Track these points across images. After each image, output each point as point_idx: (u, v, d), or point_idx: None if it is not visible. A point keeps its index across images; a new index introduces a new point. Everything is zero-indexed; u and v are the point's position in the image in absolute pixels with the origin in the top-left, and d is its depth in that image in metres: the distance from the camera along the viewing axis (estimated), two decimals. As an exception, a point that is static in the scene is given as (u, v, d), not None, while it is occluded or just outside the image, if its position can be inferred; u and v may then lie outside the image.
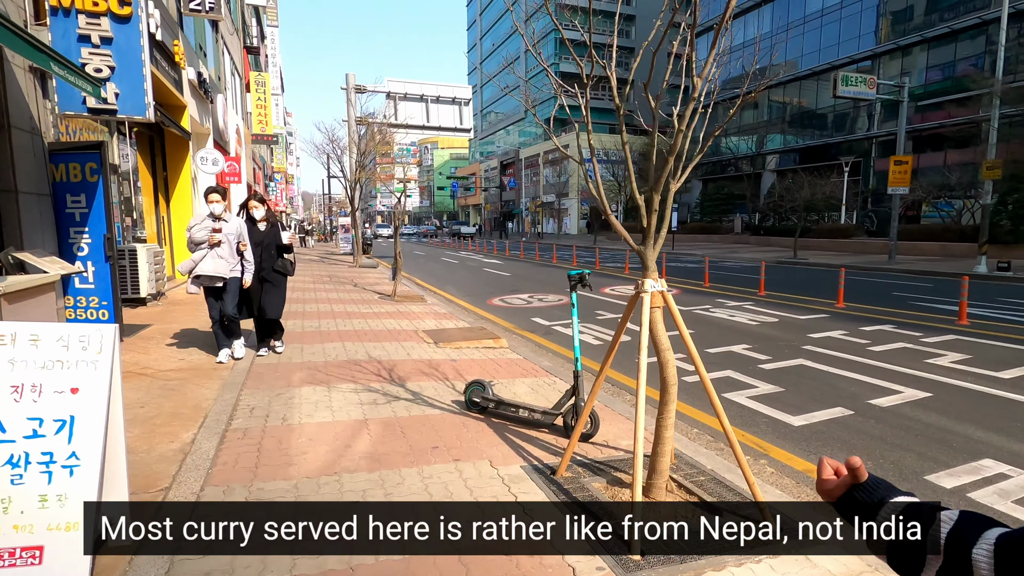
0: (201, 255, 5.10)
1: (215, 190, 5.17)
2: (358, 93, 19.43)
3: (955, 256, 19.98)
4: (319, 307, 8.98)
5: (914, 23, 28.21)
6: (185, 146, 11.50)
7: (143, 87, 5.59)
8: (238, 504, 2.59)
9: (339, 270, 16.64)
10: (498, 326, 8.43)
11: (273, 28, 40.73)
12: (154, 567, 2.10)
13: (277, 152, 43.22)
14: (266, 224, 5.72)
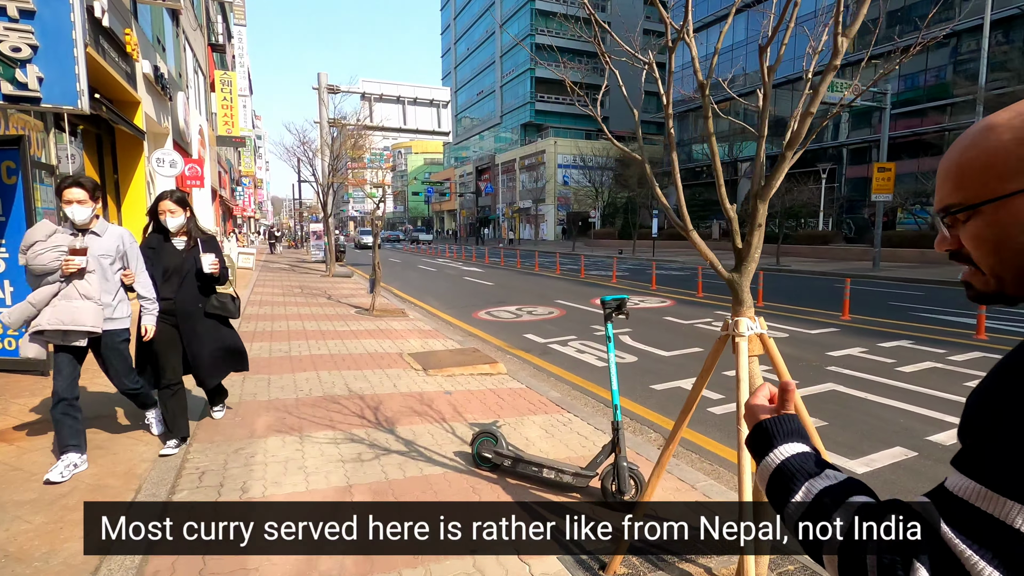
0: (45, 294, 3.05)
1: (77, 183, 3.11)
2: (331, 93, 18.49)
3: (934, 263, 20.06)
4: (290, 325, 8.08)
5: (884, 33, 28.63)
6: (139, 146, 10.45)
7: (74, 71, 4.69)
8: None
9: (311, 280, 15.64)
10: (489, 344, 7.68)
11: (241, 27, 39.28)
12: None
13: (245, 155, 41.62)
14: (187, 239, 3.65)
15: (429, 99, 20.26)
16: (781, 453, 0.75)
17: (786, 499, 0.71)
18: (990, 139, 0.62)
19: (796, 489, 0.71)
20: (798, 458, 0.74)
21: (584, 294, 13.17)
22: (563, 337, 8.25)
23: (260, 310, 9.43)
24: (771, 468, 0.75)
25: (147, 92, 11.03)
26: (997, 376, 0.58)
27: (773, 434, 0.78)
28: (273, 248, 37.07)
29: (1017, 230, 0.60)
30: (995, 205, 0.61)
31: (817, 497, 0.68)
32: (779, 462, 0.75)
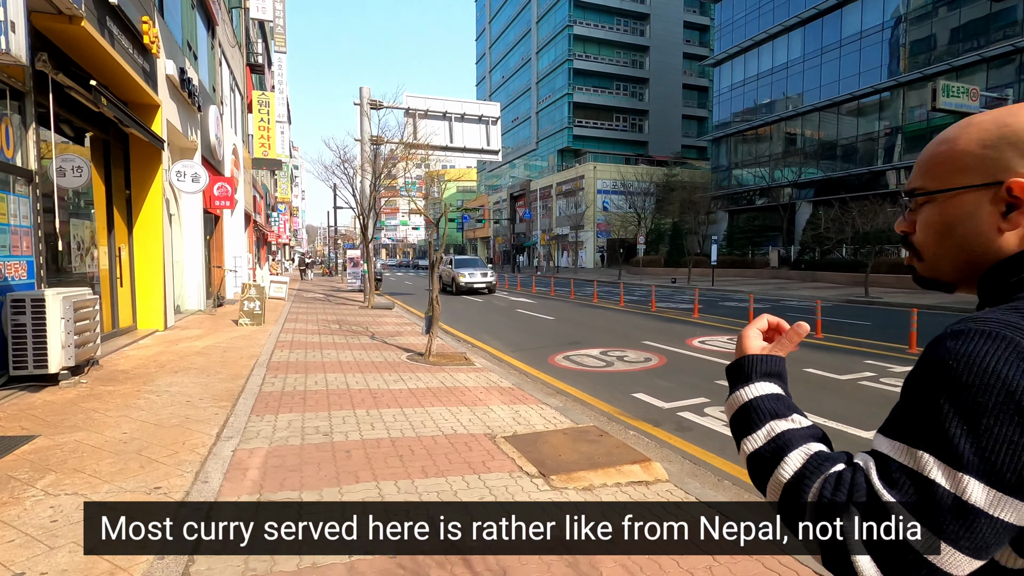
0: None
1: None
2: (374, 109, 17.03)
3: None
4: (328, 381, 6.13)
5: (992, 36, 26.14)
6: (157, 158, 8.88)
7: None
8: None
9: (349, 313, 13.85)
10: (593, 410, 5.59)
11: (281, 54, 39.16)
12: None
13: (282, 182, 41.09)
14: None
15: (478, 115, 18.65)
16: (754, 390, 0.77)
17: (747, 433, 0.74)
18: (961, 136, 0.69)
19: (759, 426, 0.73)
20: (770, 399, 0.76)
21: (671, 332, 10.98)
22: (688, 399, 6.11)
23: (292, 356, 7.55)
24: (740, 402, 0.77)
25: (171, 97, 9.53)
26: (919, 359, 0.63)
27: (752, 369, 0.79)
28: (304, 274, 35.93)
29: (959, 222, 0.69)
30: (947, 195, 0.69)
31: (777, 437, 0.71)
32: (750, 399, 0.76)
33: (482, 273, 22.20)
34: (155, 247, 8.80)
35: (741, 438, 0.74)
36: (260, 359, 7.05)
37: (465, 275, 21.70)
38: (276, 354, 7.54)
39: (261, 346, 8.11)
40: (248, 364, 6.69)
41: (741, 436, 0.75)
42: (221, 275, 14.78)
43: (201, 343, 8.06)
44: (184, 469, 3.32)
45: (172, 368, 6.24)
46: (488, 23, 78.45)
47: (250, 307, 10.25)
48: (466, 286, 21.56)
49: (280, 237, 42.02)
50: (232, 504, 2.77)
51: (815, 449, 0.68)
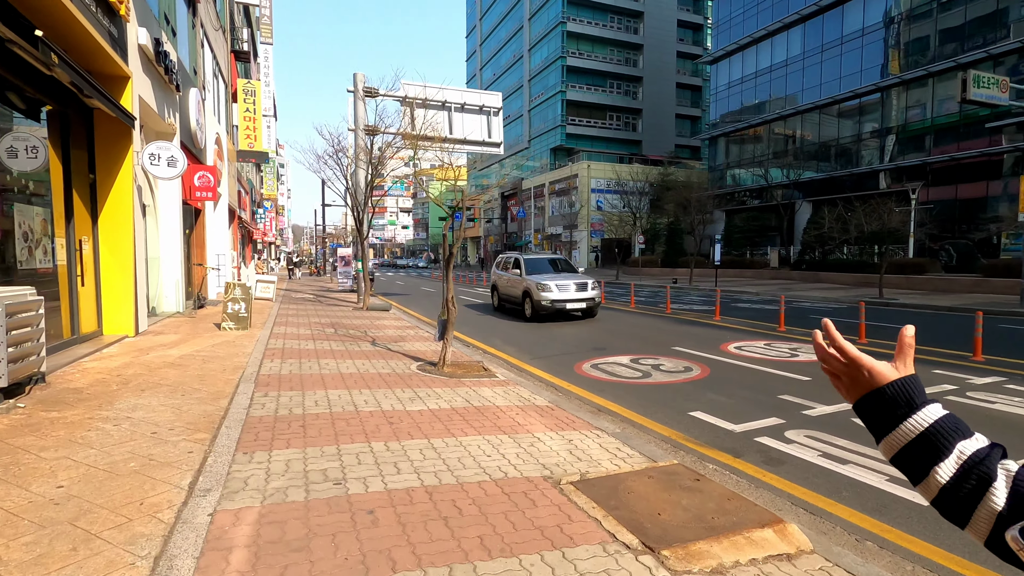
0: None
1: None
2: (368, 97, 15.92)
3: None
4: (331, 400, 5.07)
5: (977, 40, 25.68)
6: (126, 138, 7.73)
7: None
8: None
9: (343, 315, 12.73)
10: (656, 436, 4.60)
11: (267, 46, 37.75)
12: None
13: (268, 178, 39.64)
14: None
15: (478, 105, 17.62)
16: (928, 415, 0.71)
17: (934, 462, 0.69)
18: None
19: (947, 452, 0.68)
20: (948, 420, 0.71)
21: (699, 337, 10.04)
22: (758, 420, 5.17)
23: (284, 367, 6.47)
24: (915, 432, 0.71)
25: (144, 71, 8.38)
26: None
27: (913, 394, 0.72)
28: (292, 274, 34.60)
29: None
30: None
31: (971, 459, 0.67)
32: (927, 425, 0.71)
33: (578, 284, 12.25)
34: (124, 240, 7.64)
35: (927, 469, 0.69)
36: (247, 371, 5.96)
37: (552, 288, 11.97)
38: (265, 365, 6.45)
39: (247, 355, 7.01)
40: (232, 379, 5.60)
41: (927, 467, 0.69)
42: (203, 273, 13.58)
43: (177, 351, 6.94)
44: (137, 552, 2.26)
45: (138, 385, 5.13)
46: (479, 20, 77.35)
47: (235, 309, 9.12)
48: (552, 307, 11.84)
49: (266, 235, 40.58)
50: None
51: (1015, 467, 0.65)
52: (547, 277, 12.53)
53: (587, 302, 12.28)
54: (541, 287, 12.04)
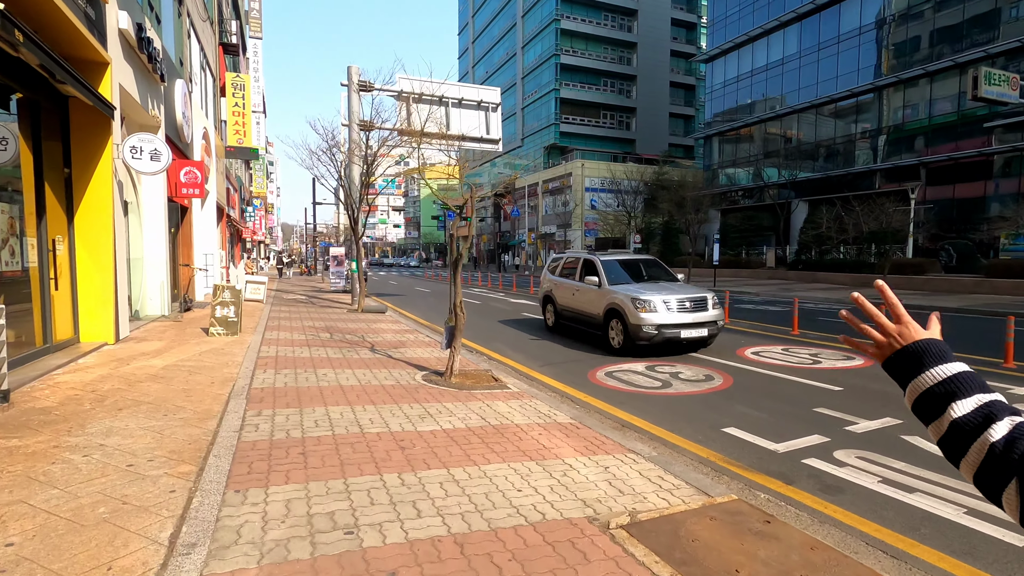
0: None
1: None
2: (363, 91, 15.36)
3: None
4: (331, 415, 4.57)
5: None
6: (106, 130, 7.15)
7: None
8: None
9: (338, 317, 12.19)
10: (693, 458, 4.15)
11: (257, 40, 36.94)
12: None
13: (257, 175, 38.82)
14: None
15: (476, 100, 17.10)
16: (954, 367, 0.78)
17: (950, 400, 0.75)
18: None
19: (967, 395, 0.75)
20: (973, 376, 0.77)
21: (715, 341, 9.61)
22: (800, 437, 4.76)
23: (279, 378, 5.94)
24: (942, 376, 0.77)
25: (125, 58, 7.80)
26: None
27: (944, 351, 0.80)
28: (282, 273, 33.88)
29: None
30: None
31: (986, 406, 0.74)
32: (953, 373, 0.77)
33: (694, 301, 8.42)
34: (103, 240, 7.06)
35: (944, 407, 0.76)
36: (237, 385, 5.43)
37: (657, 307, 8.10)
38: (258, 376, 5.92)
39: (238, 364, 6.47)
40: (221, 393, 5.07)
41: (944, 405, 0.76)
42: (189, 274, 12.97)
43: (161, 361, 6.38)
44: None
45: (115, 403, 4.59)
46: (471, 17, 76.71)
47: (223, 313, 8.56)
48: (658, 334, 8.05)
49: (256, 234, 39.78)
50: None
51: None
52: (643, 289, 8.49)
53: (708, 327, 8.22)
54: (640, 304, 7.97)
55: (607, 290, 8.86)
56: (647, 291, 8.48)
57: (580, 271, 9.90)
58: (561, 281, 10.55)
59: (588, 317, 9.39)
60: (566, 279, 10.38)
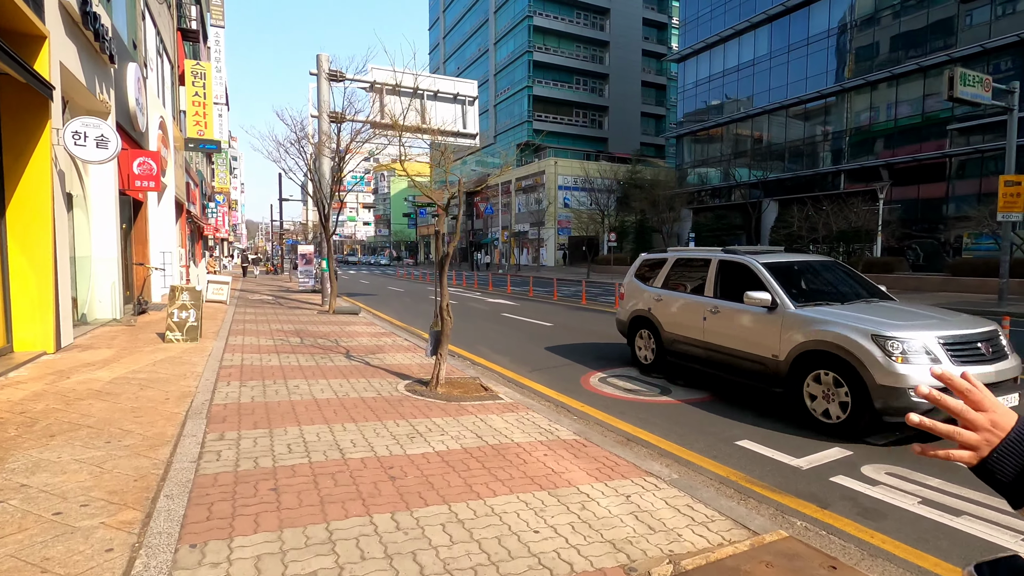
0: None
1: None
2: (333, 81, 14.62)
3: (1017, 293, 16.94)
4: (307, 438, 4.00)
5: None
6: (43, 112, 6.35)
7: None
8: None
9: (308, 319, 11.47)
10: (713, 477, 3.75)
11: (218, 28, 35.41)
12: None
13: (220, 170, 37.21)
14: None
15: (452, 93, 16.54)
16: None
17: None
18: None
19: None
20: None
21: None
22: (819, 451, 4.41)
23: (244, 393, 5.31)
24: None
25: (67, 33, 6.99)
26: None
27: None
28: (247, 272, 32.55)
29: None
30: None
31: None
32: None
33: (987, 341, 4.69)
34: (41, 236, 6.26)
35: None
36: (196, 401, 4.79)
37: (924, 349, 4.45)
38: (220, 390, 5.27)
39: (198, 375, 5.80)
40: (177, 412, 4.43)
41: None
42: (144, 274, 12.05)
43: (108, 373, 5.66)
44: None
45: (47, 427, 3.92)
46: (442, 12, 75.68)
47: (182, 317, 7.81)
48: (925, 403, 3.55)
49: (218, 231, 38.17)
50: None
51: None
52: (879, 317, 4.98)
53: (1019, 390, 4.59)
54: (894, 347, 4.50)
55: (796, 316, 5.20)
56: (890, 320, 4.84)
57: (716, 281, 6.26)
58: (675, 297, 6.81)
59: (743, 360, 5.71)
60: (682, 293, 6.77)
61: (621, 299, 8.09)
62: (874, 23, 29.39)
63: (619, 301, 8.19)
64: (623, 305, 7.94)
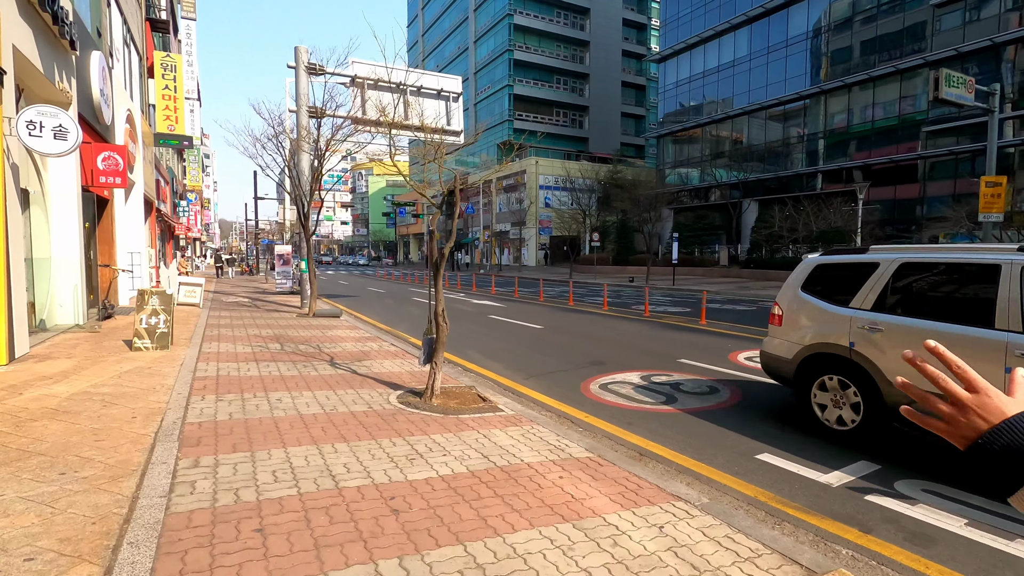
0: None
1: None
2: (312, 75, 14.05)
3: None
4: (293, 462, 3.56)
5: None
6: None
7: None
8: None
9: (287, 323, 10.92)
10: (741, 498, 3.44)
11: (190, 21, 34.24)
12: None
13: (192, 167, 35.99)
14: None
15: (436, 89, 16.10)
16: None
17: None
18: None
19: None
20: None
21: (700, 346, 9.08)
22: (848, 464, 4.16)
23: (221, 409, 4.83)
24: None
25: (20, 13, 6.41)
26: None
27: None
28: (221, 272, 31.51)
29: None
30: None
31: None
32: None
33: None
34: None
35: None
36: (167, 419, 4.31)
37: None
38: (194, 406, 4.79)
39: (169, 388, 5.29)
40: (145, 434, 3.96)
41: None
42: (111, 276, 11.35)
43: (66, 388, 5.12)
44: None
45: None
46: (421, 9, 74.84)
47: (152, 323, 7.25)
48: None
49: (190, 230, 36.94)
50: None
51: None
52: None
53: None
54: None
55: None
56: None
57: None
58: (921, 328, 4.17)
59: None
60: (935, 322, 4.13)
61: (775, 323, 5.38)
62: (851, 26, 29.78)
63: (773, 324, 5.42)
64: (782, 333, 5.25)
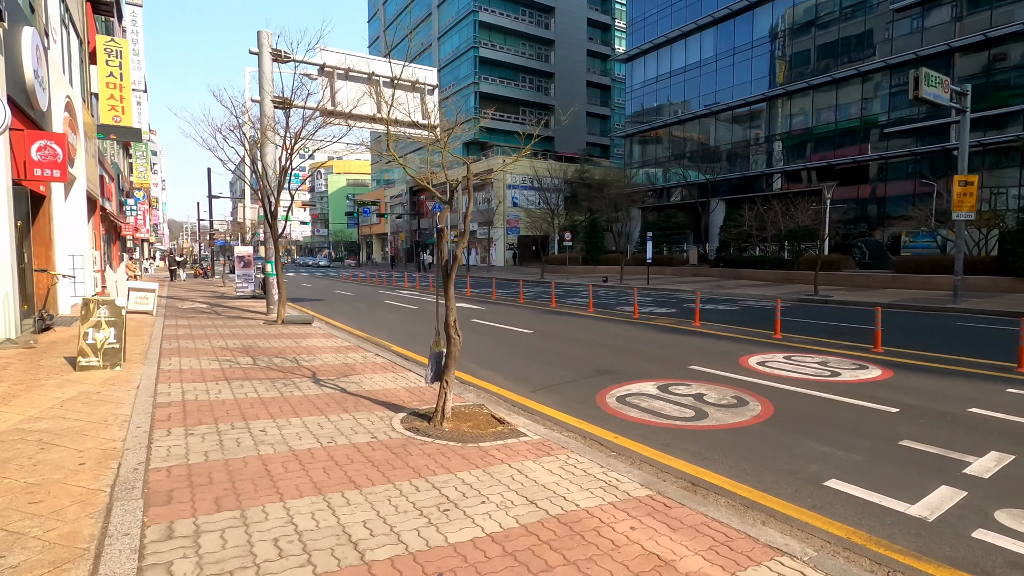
0: None
1: None
2: (277, 62, 13.00)
3: (990, 291, 17.74)
4: (299, 525, 2.80)
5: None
6: None
7: None
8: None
9: (255, 332, 9.90)
10: (840, 544, 2.90)
11: (135, 7, 32.03)
12: None
13: (139, 163, 33.69)
14: None
15: (411, 81, 15.26)
16: None
17: None
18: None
19: None
20: None
21: (704, 350, 8.63)
22: (931, 491, 3.74)
23: (194, 446, 3.98)
24: None
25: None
26: None
27: None
28: (174, 275, 29.57)
29: None
30: None
31: None
32: None
33: None
34: None
35: None
36: (125, 465, 3.45)
37: None
38: (159, 443, 3.92)
39: (125, 420, 4.39)
40: (96, 488, 3.10)
41: None
42: (49, 282, 10.08)
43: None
44: None
45: None
46: (382, 3, 73.03)
47: (99, 338, 6.24)
48: None
49: (138, 231, 34.62)
50: None
51: None
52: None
53: None
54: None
55: None
56: None
57: None
58: None
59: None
60: None
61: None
62: (813, 29, 30.36)
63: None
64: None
